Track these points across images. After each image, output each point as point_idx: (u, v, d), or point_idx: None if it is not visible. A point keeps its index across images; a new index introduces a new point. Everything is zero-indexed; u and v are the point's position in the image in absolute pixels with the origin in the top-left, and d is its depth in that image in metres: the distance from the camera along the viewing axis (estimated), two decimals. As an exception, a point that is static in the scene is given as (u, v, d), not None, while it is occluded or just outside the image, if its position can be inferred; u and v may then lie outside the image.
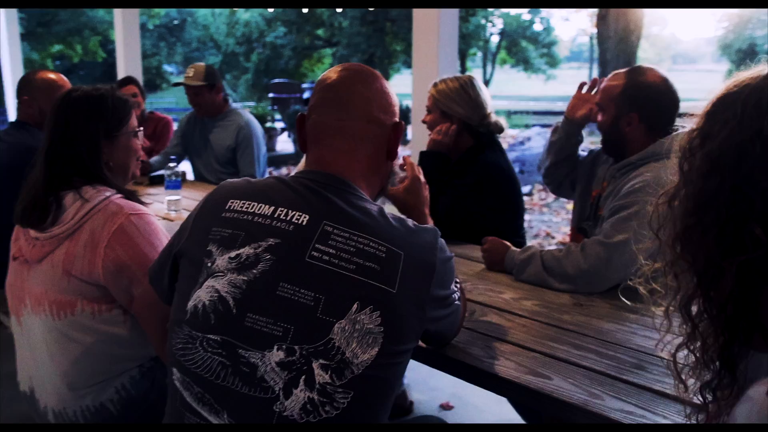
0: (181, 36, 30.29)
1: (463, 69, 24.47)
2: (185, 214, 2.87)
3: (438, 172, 2.37)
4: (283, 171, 10.31)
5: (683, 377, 0.80)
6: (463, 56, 26.78)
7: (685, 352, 0.78)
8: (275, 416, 1.05)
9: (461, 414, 2.81)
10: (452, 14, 3.90)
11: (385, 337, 1.06)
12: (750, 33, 40.28)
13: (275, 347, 1.05)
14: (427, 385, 2.99)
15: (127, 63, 6.42)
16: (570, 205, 7.25)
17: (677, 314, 0.76)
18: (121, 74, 6.42)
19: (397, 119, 1.29)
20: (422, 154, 2.43)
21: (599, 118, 2.05)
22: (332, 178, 1.20)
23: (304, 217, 1.13)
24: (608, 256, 1.79)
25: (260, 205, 1.17)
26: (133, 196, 1.68)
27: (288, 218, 1.13)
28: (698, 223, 0.71)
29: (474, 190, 2.31)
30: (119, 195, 1.65)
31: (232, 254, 1.13)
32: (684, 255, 0.73)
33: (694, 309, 0.74)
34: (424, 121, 2.50)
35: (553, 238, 6.16)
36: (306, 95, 14.87)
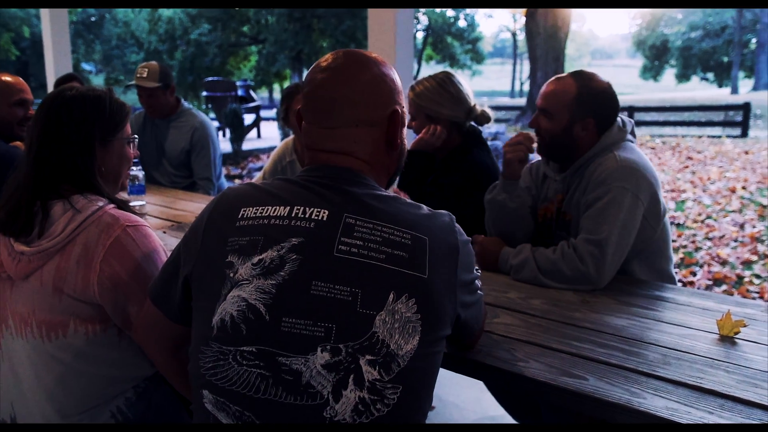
0: (100, 33, 29.17)
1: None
2: (150, 220, 2.74)
3: (423, 172, 2.35)
4: (222, 171, 10.05)
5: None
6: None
7: None
8: (326, 423, 1.00)
9: (443, 414, 2.80)
10: (408, 14, 3.88)
11: (423, 324, 1.05)
12: (662, 30, 42.17)
13: (319, 349, 1.01)
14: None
15: (57, 61, 6.11)
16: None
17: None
18: (50, 74, 6.12)
19: (393, 108, 1.22)
20: (408, 153, 2.39)
21: (543, 124, 2.03)
22: (341, 170, 1.17)
23: (324, 213, 1.09)
24: (601, 252, 1.81)
25: (274, 207, 1.12)
26: (125, 207, 1.57)
27: (307, 216, 1.10)
28: None
29: (462, 189, 2.29)
30: (112, 205, 1.53)
31: (255, 260, 1.08)
32: None
33: None
34: (409, 127, 2.46)
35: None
36: (240, 93, 14.55)
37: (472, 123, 2.43)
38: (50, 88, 5.55)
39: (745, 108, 14.78)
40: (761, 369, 1.34)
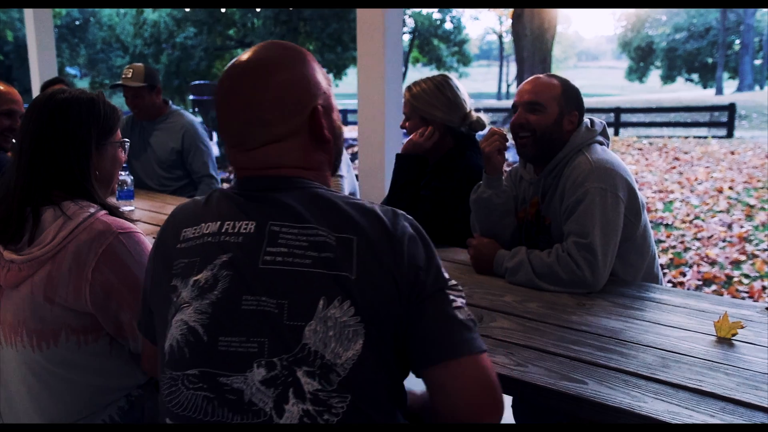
0: (84, 37, 28.98)
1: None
2: (139, 226, 2.71)
3: (416, 175, 2.33)
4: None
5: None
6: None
7: None
8: None
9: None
10: (397, 14, 3.87)
11: (366, 326, 0.98)
12: (646, 32, 42.53)
13: (255, 365, 0.98)
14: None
15: (42, 65, 6.04)
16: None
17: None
18: (34, 78, 6.05)
19: (310, 108, 1.12)
20: (399, 157, 2.37)
21: (532, 118, 2.02)
22: (272, 179, 1.11)
23: (251, 225, 1.05)
24: (594, 256, 1.80)
25: (207, 224, 1.10)
26: (117, 213, 1.54)
27: (236, 230, 1.06)
28: None
29: (456, 192, 2.28)
30: (104, 211, 1.50)
31: (192, 282, 1.05)
32: None
33: None
34: (403, 127, 2.44)
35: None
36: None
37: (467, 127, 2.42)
38: (35, 93, 5.49)
39: (731, 109, 14.91)
40: (760, 371, 1.33)
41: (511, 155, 10.41)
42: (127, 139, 1.64)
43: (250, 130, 1.11)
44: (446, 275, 1.09)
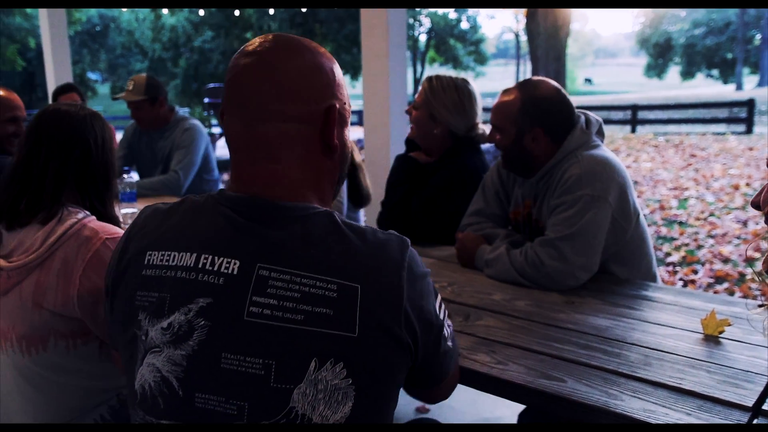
0: (105, 42, 29.37)
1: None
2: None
3: (407, 174, 2.37)
4: (224, 177, 10.08)
5: None
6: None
7: None
8: None
9: (437, 416, 2.78)
10: (400, 14, 3.88)
11: (357, 388, 0.92)
12: (665, 28, 42.09)
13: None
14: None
15: (57, 71, 6.14)
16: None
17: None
18: (50, 83, 6.15)
19: (329, 103, 1.03)
20: (396, 157, 2.42)
21: (497, 138, 2.00)
22: (259, 204, 0.99)
23: (234, 264, 0.94)
24: (558, 250, 1.80)
25: (180, 254, 0.98)
26: (110, 218, 1.57)
27: (215, 268, 0.94)
28: None
29: (448, 188, 2.29)
30: (92, 217, 1.52)
31: (164, 324, 0.96)
32: None
33: None
34: (407, 112, 2.45)
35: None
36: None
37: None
38: (50, 98, 5.59)
39: (750, 104, 14.70)
40: (743, 369, 1.32)
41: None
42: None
43: (261, 97, 1.00)
44: (442, 311, 1.07)
